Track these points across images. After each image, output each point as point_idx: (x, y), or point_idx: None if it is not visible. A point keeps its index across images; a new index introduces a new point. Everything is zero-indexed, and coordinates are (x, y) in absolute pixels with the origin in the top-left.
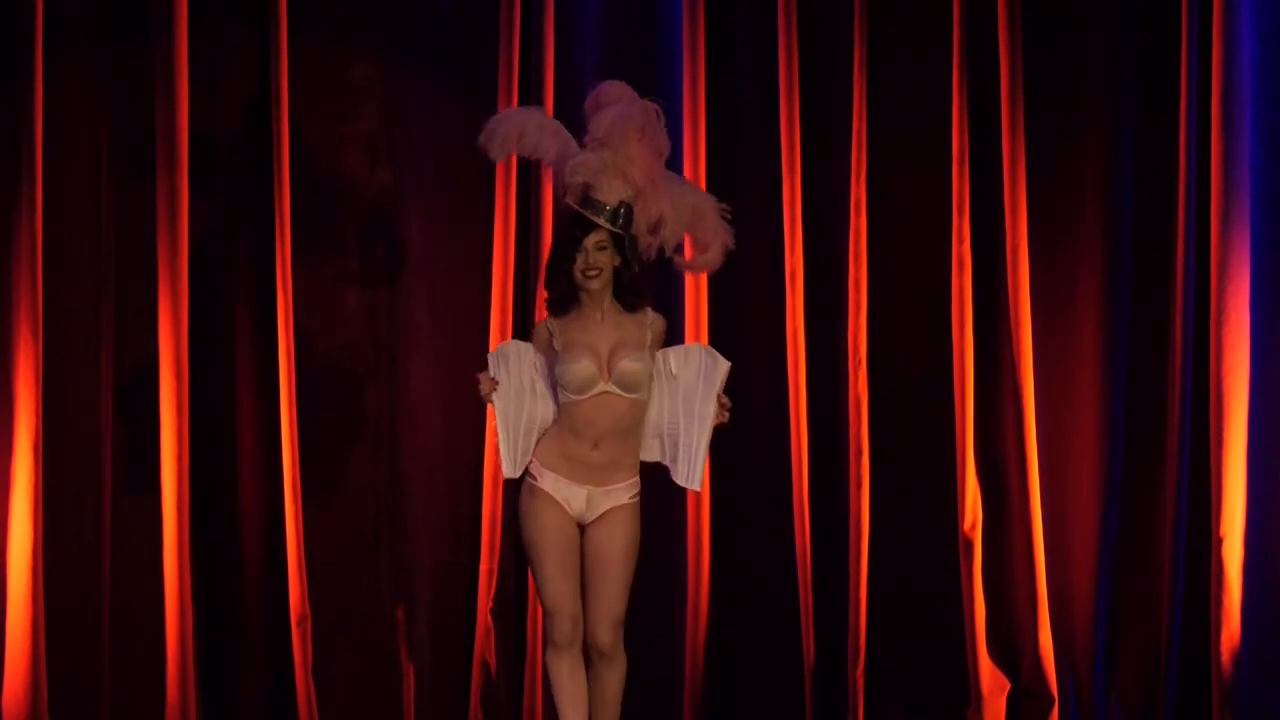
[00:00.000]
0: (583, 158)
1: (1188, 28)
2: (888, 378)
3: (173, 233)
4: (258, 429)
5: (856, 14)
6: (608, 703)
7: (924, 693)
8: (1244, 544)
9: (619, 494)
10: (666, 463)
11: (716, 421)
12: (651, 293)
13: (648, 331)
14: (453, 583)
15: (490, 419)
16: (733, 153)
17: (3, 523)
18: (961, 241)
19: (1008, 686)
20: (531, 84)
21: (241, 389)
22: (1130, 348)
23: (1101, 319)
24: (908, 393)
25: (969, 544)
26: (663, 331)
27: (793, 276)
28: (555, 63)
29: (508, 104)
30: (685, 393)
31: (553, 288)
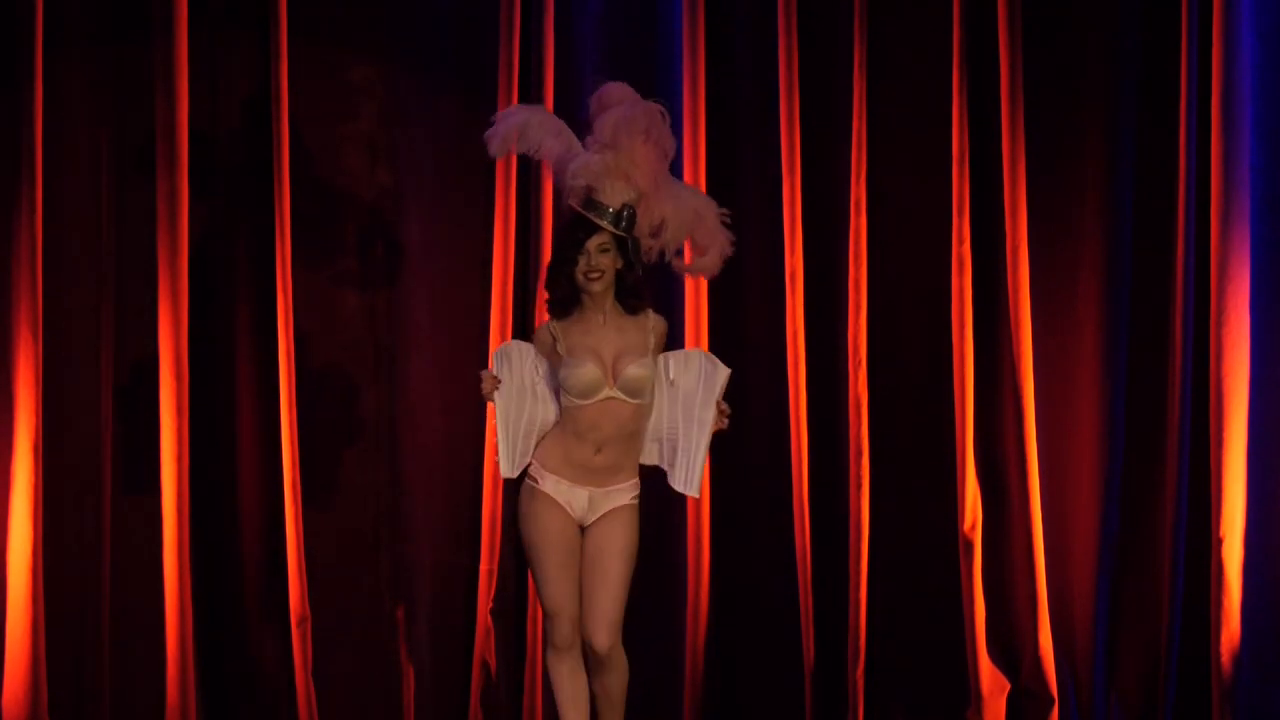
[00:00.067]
0: (585, 159)
1: (1188, 28)
2: (888, 378)
3: (173, 233)
4: (258, 429)
5: (856, 14)
6: (612, 702)
7: (924, 693)
8: (1244, 544)
9: (619, 495)
10: (664, 466)
11: (715, 428)
12: (652, 294)
13: (650, 335)
14: (453, 583)
15: (490, 418)
16: (733, 153)
17: (3, 523)
18: (961, 242)
19: (1008, 687)
20: (531, 84)
21: (241, 389)
22: (1130, 348)
23: (1101, 319)
24: (908, 393)
25: (969, 544)
26: (664, 333)
27: (793, 277)
28: (555, 63)
29: (508, 104)
30: (685, 398)
31: (554, 289)
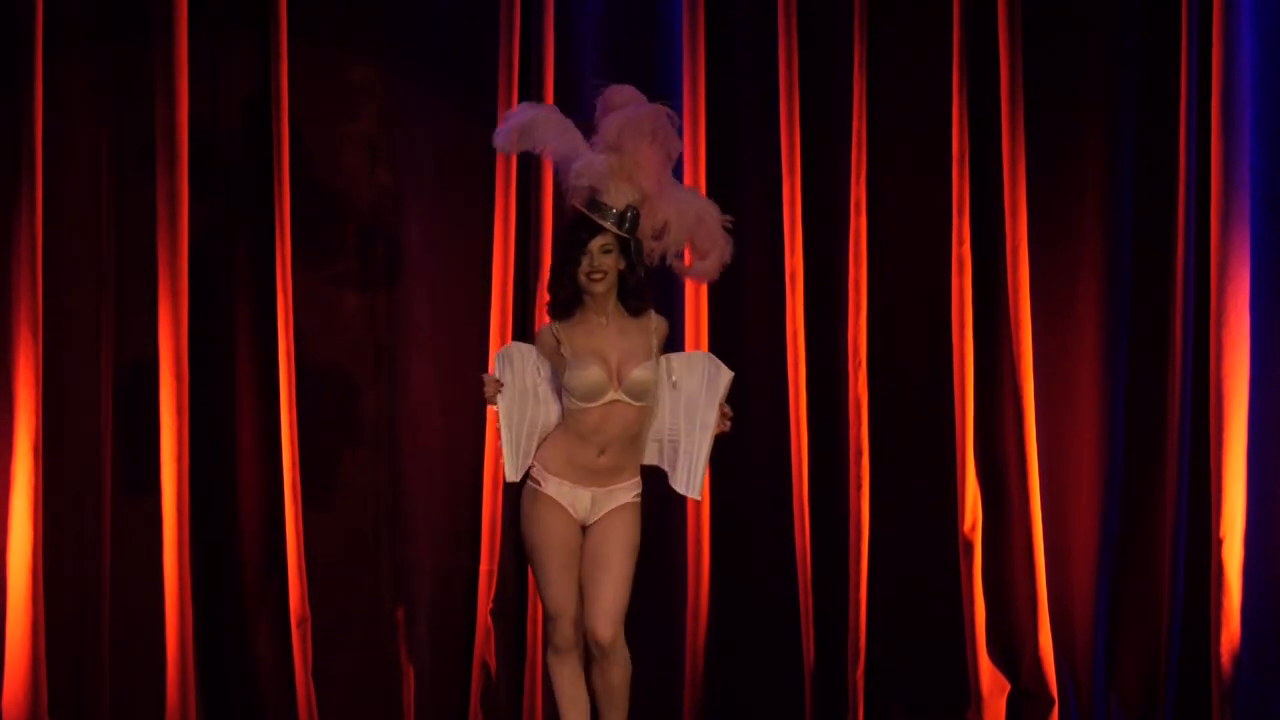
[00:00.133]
0: (590, 160)
1: (1188, 28)
2: (888, 378)
3: (173, 233)
4: (258, 429)
5: (856, 14)
6: (615, 699)
7: (924, 694)
8: (1244, 545)
9: (621, 493)
10: (665, 467)
11: (718, 430)
12: (653, 295)
13: (653, 336)
14: (453, 584)
15: (491, 420)
16: (733, 153)
17: (3, 523)
18: (961, 242)
19: (1008, 687)
20: (531, 84)
21: (241, 389)
22: (1130, 348)
23: (1101, 319)
24: (908, 393)
25: (969, 545)
26: (665, 334)
27: (793, 277)
28: (555, 63)
29: (508, 104)
30: (687, 400)
31: (557, 290)
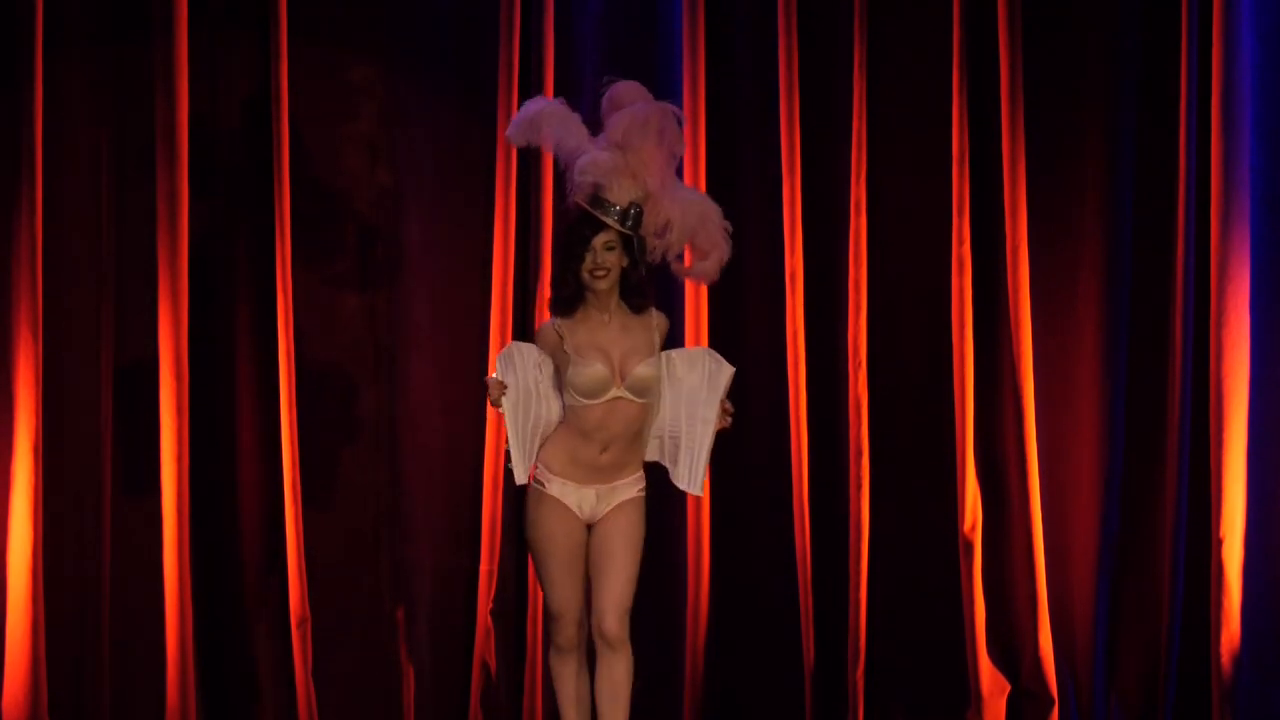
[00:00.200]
0: (594, 157)
1: (1188, 28)
2: (888, 379)
3: (173, 233)
4: (258, 429)
5: (856, 14)
6: (618, 696)
7: (924, 694)
8: (1244, 545)
9: (626, 489)
10: (666, 464)
11: (719, 426)
12: (654, 293)
13: (655, 333)
14: (453, 584)
15: (491, 420)
16: (733, 153)
17: (3, 523)
18: (961, 242)
19: (1008, 688)
20: (531, 84)
21: (241, 389)
22: (1130, 348)
23: (1101, 319)
24: (908, 393)
25: (969, 545)
26: (666, 331)
27: (793, 277)
28: (555, 63)
29: (508, 104)
30: (689, 396)
31: (559, 287)
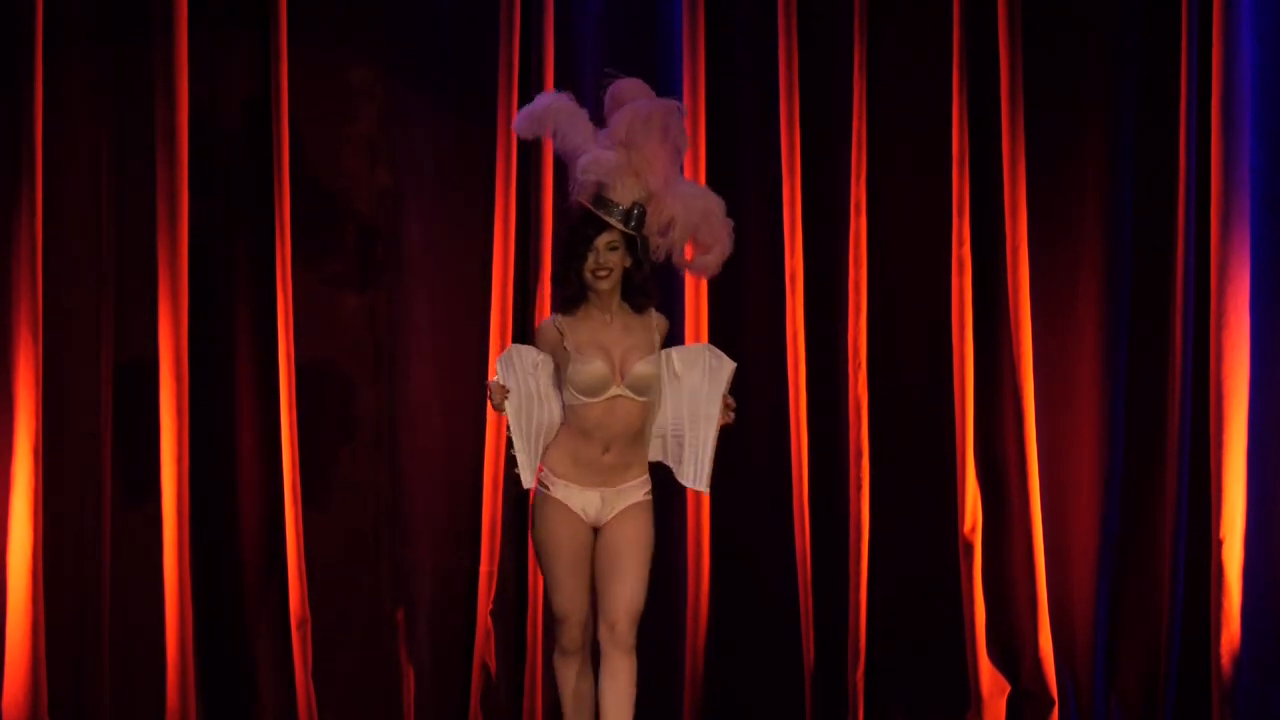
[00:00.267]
0: (597, 156)
1: (1188, 28)
2: (888, 379)
3: (173, 233)
4: (258, 429)
5: (856, 14)
6: (622, 699)
7: (924, 695)
8: (1244, 546)
9: (632, 492)
10: (669, 463)
11: (722, 422)
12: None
13: (655, 333)
14: (453, 585)
15: (491, 421)
16: (733, 153)
17: (3, 523)
18: (961, 243)
19: (1008, 689)
20: (531, 84)
21: (241, 389)
22: (1130, 348)
23: (1101, 319)
24: (908, 394)
25: (969, 546)
26: (666, 332)
27: (793, 278)
28: (555, 63)
29: (508, 104)
30: (690, 394)
31: (562, 286)
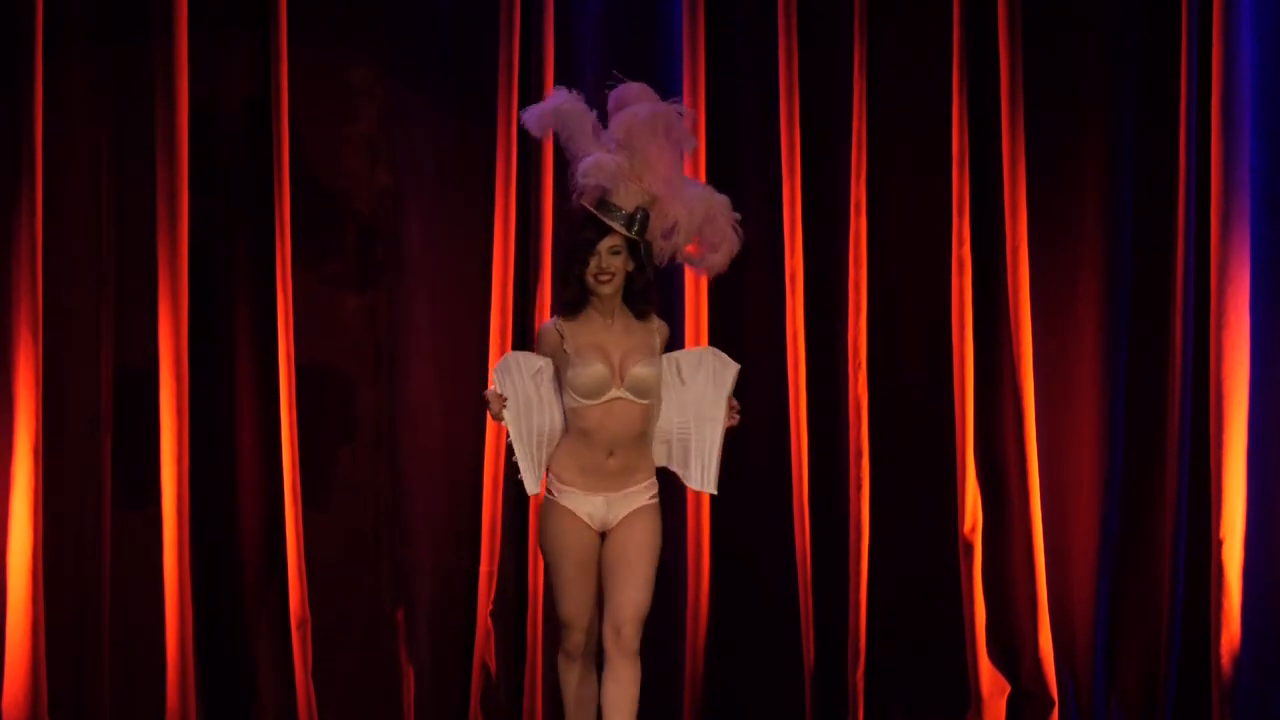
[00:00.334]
0: (599, 160)
1: (1188, 28)
2: (888, 379)
3: (173, 233)
4: (258, 430)
5: (856, 14)
6: (625, 703)
7: (924, 695)
8: (1244, 546)
9: (638, 496)
10: (674, 468)
11: (727, 424)
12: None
13: (656, 337)
14: (453, 585)
15: (491, 422)
16: (733, 153)
17: (3, 523)
18: (961, 243)
19: (1008, 689)
20: (531, 84)
21: (241, 389)
22: (1130, 348)
23: (1101, 319)
24: (908, 394)
25: (969, 546)
26: (667, 337)
27: (793, 278)
28: (555, 63)
29: (508, 104)
30: (695, 397)
31: (563, 290)
